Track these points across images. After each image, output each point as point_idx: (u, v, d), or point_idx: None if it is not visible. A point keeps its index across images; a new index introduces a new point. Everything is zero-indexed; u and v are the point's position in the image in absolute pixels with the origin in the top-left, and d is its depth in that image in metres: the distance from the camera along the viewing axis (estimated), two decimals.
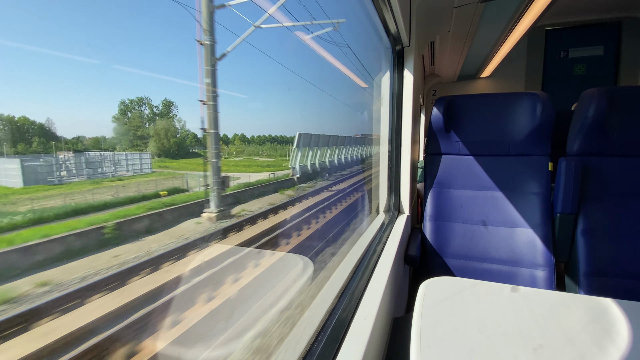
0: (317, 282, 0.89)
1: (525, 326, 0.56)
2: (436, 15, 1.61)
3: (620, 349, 0.49)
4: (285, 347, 0.57)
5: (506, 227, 1.33)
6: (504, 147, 1.39)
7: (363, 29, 1.35)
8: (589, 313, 0.58)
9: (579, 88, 1.33)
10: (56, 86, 19.80)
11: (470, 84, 3.55)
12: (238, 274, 3.60)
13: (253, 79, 21.12)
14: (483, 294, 0.67)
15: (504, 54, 2.64)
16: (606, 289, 1.15)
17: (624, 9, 2.70)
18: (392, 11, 1.05)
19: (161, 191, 7.06)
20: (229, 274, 3.55)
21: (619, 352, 0.49)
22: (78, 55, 15.41)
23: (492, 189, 1.38)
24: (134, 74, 19.93)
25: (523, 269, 1.27)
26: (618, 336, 0.52)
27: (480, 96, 1.46)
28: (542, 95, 1.31)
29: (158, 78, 20.45)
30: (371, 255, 0.99)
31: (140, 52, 20.02)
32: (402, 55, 1.44)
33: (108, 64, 15.86)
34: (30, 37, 17.95)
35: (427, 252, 1.40)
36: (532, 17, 1.86)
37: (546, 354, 0.49)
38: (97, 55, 16.00)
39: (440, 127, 1.44)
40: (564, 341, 0.52)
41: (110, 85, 19.62)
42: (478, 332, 0.55)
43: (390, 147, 1.50)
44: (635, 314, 0.57)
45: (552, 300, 0.64)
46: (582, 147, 1.27)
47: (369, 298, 0.75)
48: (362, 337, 0.60)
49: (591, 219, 1.22)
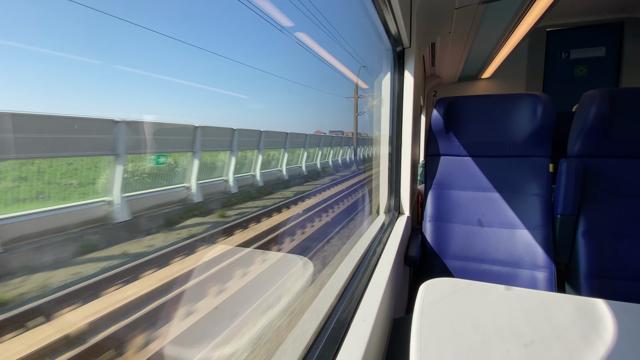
0: (317, 282, 0.89)
1: (517, 323, 0.58)
2: (437, 16, 1.61)
3: (606, 344, 0.52)
4: (285, 347, 0.58)
5: (506, 228, 1.33)
6: (505, 148, 1.39)
7: (363, 30, 1.35)
8: (578, 311, 0.61)
9: (580, 89, 1.33)
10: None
11: (471, 85, 3.55)
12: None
13: (253, 80, 21.32)
14: (479, 294, 0.69)
15: (504, 55, 2.64)
16: (607, 290, 1.15)
17: (626, 10, 2.69)
18: (393, 12, 1.05)
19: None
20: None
21: (605, 347, 0.52)
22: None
23: (493, 190, 1.38)
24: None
25: (523, 271, 1.27)
26: (605, 333, 0.55)
27: (481, 97, 1.46)
28: (543, 96, 1.31)
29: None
30: (371, 256, 0.99)
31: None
32: (402, 56, 1.44)
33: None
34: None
35: (427, 253, 1.39)
36: (534, 18, 1.86)
37: (536, 350, 0.52)
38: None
39: (441, 128, 1.44)
40: (553, 337, 0.54)
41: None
42: (475, 331, 0.57)
43: (391, 148, 1.50)
44: (622, 313, 0.60)
45: (543, 299, 0.67)
46: (583, 148, 1.26)
47: (368, 299, 0.75)
48: (361, 338, 0.60)
49: (592, 221, 1.22)
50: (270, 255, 3.88)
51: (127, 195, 4.27)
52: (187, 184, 5.70)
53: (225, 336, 2.31)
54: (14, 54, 3.94)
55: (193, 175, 5.78)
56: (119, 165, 4.19)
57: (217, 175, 6.89)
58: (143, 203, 4.57)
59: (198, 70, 14.10)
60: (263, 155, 8.30)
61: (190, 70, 11.25)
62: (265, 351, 0.60)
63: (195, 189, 5.69)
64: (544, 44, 3.04)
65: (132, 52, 7.68)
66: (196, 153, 5.94)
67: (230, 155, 7.13)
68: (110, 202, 4.02)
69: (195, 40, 11.74)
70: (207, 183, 6.37)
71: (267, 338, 0.65)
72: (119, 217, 4.01)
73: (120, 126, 4.12)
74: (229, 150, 7.13)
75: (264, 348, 0.61)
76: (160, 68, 8.24)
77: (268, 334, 0.66)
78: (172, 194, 5.30)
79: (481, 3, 1.52)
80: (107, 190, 4.11)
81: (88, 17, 4.33)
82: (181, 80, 8.05)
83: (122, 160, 4.23)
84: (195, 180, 5.74)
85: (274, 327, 0.69)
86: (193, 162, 5.86)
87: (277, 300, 2.60)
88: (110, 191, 4.10)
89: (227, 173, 7.05)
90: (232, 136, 7.18)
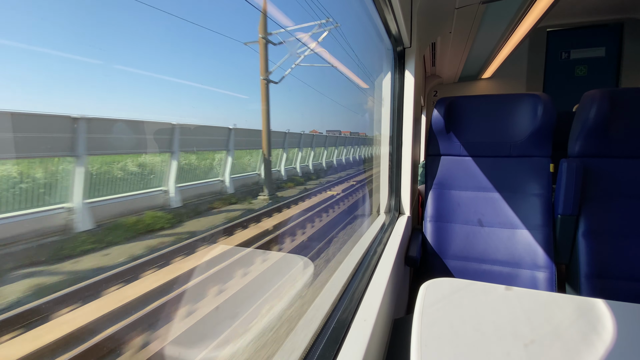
0: (317, 282, 0.89)
1: (517, 324, 0.59)
2: (437, 16, 1.60)
3: (605, 344, 0.53)
4: (285, 348, 0.57)
5: (507, 228, 1.32)
6: (505, 149, 1.39)
7: (364, 30, 1.35)
8: (578, 311, 0.62)
9: (581, 89, 1.33)
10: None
11: (472, 85, 3.55)
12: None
13: (254, 80, 21.12)
14: (480, 294, 0.69)
15: (505, 55, 2.64)
16: (607, 290, 1.15)
17: (626, 10, 2.69)
18: (394, 12, 1.05)
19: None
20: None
21: (605, 347, 0.52)
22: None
23: (493, 190, 1.38)
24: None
25: (524, 271, 1.27)
26: (604, 333, 0.55)
27: (481, 97, 1.46)
28: (543, 96, 1.31)
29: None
30: (372, 256, 0.99)
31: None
32: (403, 56, 1.44)
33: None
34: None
35: (427, 253, 1.39)
36: (534, 19, 1.86)
37: (536, 349, 0.52)
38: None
39: (441, 128, 1.44)
40: (553, 337, 0.55)
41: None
42: (476, 331, 0.57)
43: (391, 148, 1.49)
44: (621, 313, 0.60)
45: (543, 299, 0.67)
46: (584, 148, 1.26)
47: (369, 299, 0.74)
48: (362, 339, 0.59)
49: (592, 221, 1.22)
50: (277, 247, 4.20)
51: (179, 185, 4.98)
52: (222, 177, 6.27)
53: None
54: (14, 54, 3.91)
55: (227, 170, 6.32)
56: (174, 161, 4.92)
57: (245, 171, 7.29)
58: (189, 192, 5.25)
59: (197, 70, 14.05)
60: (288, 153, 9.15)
61: (190, 71, 11.14)
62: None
63: (229, 182, 6.30)
64: (544, 44, 3.04)
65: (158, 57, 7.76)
66: (230, 151, 6.42)
67: (259, 154, 7.60)
68: (166, 191, 4.77)
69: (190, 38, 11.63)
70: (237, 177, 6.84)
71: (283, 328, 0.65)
72: (173, 204, 4.75)
73: (175, 129, 5.01)
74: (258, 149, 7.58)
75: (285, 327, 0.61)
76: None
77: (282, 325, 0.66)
78: (210, 185, 5.83)
79: (481, 3, 1.52)
80: (165, 181, 4.83)
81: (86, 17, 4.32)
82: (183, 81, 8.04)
83: (176, 156, 4.96)
84: (228, 175, 6.30)
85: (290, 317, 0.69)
86: (227, 159, 6.39)
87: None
88: (167, 182, 4.82)
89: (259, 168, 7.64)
90: (260, 137, 7.46)
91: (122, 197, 4.34)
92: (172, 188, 4.98)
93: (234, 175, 6.77)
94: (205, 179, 6.14)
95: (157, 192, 4.79)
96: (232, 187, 6.54)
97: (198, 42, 14.37)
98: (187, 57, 12.25)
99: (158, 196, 4.80)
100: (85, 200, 3.76)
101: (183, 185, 5.34)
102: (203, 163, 6.34)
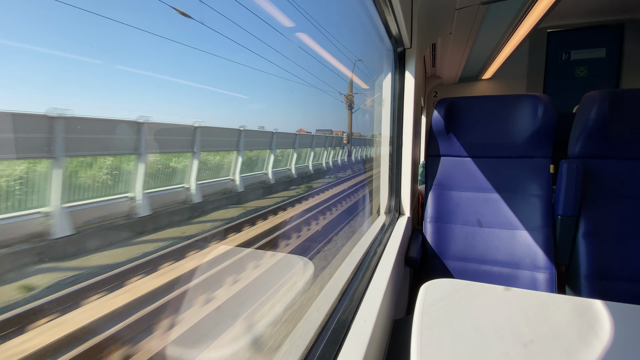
0: (317, 282, 0.89)
1: (517, 324, 0.59)
2: (438, 17, 1.61)
3: (604, 344, 0.53)
4: (285, 348, 0.57)
5: (507, 229, 1.32)
6: (505, 149, 1.39)
7: (364, 30, 1.35)
8: (576, 312, 0.62)
9: (581, 90, 1.33)
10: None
11: (472, 86, 3.55)
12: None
13: (253, 80, 20.89)
14: (479, 295, 0.69)
15: (505, 56, 2.64)
16: (607, 292, 1.15)
17: (627, 11, 2.69)
18: (394, 13, 1.05)
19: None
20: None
21: (603, 348, 0.52)
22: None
23: (493, 191, 1.38)
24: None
25: (524, 272, 1.27)
26: (603, 333, 0.56)
27: (481, 98, 1.46)
28: (543, 97, 1.31)
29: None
30: (372, 257, 0.99)
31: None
32: (403, 57, 1.44)
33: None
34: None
35: (427, 254, 1.39)
36: (534, 19, 1.86)
37: (535, 349, 0.52)
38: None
39: (442, 128, 1.44)
40: (552, 337, 0.55)
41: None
42: (475, 331, 0.57)
43: (391, 149, 1.49)
44: (620, 314, 0.61)
45: (542, 300, 0.68)
46: (584, 149, 1.26)
47: (369, 300, 0.74)
48: (362, 339, 0.60)
49: (592, 222, 1.22)
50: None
51: (200, 182, 5.51)
52: (232, 176, 6.84)
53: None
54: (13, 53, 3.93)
55: (237, 170, 6.82)
56: (195, 160, 5.45)
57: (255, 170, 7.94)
58: (207, 190, 5.82)
59: (194, 70, 14.06)
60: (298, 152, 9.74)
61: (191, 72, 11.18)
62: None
63: (239, 181, 6.82)
64: (544, 45, 3.04)
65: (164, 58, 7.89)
66: (240, 152, 6.94)
67: (269, 153, 8.33)
68: (188, 188, 5.28)
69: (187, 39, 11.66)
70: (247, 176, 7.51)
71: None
72: (195, 200, 5.25)
73: (197, 130, 5.55)
74: (268, 149, 8.31)
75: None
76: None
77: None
78: (222, 184, 6.41)
79: (482, 4, 1.52)
80: (187, 179, 5.37)
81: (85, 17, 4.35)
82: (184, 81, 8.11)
83: (197, 156, 5.48)
84: (238, 174, 6.83)
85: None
86: (237, 159, 6.87)
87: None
88: (189, 179, 5.36)
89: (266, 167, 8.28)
90: (271, 138, 8.40)
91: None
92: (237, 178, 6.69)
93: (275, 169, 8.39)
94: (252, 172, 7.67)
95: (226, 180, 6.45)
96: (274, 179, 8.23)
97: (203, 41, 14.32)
98: (188, 58, 12.42)
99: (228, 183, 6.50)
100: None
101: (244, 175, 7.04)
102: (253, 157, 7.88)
